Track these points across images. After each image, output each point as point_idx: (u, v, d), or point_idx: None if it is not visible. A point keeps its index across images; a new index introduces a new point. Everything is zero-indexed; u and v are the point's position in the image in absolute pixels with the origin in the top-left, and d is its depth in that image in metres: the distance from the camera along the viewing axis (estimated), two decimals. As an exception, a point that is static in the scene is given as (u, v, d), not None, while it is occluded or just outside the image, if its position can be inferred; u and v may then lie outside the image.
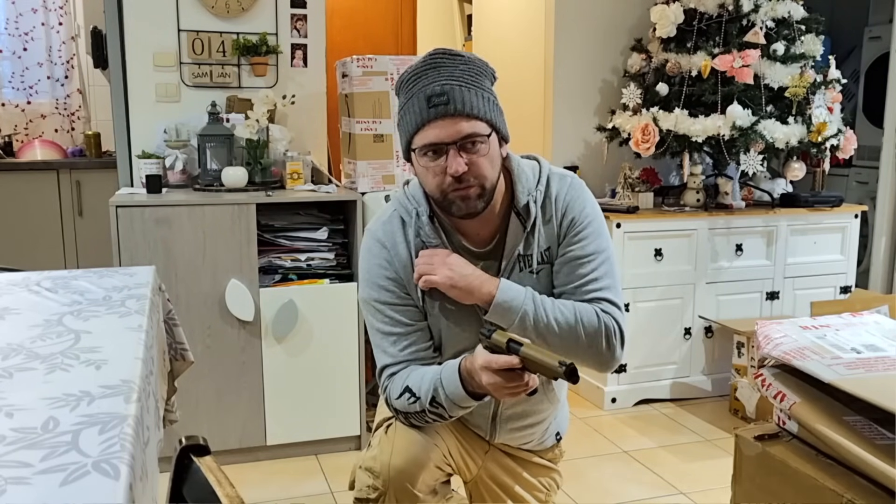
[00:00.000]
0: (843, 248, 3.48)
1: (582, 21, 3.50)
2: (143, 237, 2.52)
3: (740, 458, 1.85)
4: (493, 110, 1.44)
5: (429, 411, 1.47)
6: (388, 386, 1.53)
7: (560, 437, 1.80)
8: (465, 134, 1.40)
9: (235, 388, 2.68)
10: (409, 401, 1.48)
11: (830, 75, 3.23)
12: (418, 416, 1.50)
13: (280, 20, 2.97)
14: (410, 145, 1.46)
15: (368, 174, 2.80)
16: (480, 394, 1.42)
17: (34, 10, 4.10)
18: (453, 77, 1.41)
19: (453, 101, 1.39)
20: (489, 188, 1.45)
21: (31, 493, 0.75)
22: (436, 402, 1.45)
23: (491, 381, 1.33)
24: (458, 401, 1.43)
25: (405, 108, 1.45)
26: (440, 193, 1.45)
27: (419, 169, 1.47)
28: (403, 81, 1.47)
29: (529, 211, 1.51)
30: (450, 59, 1.44)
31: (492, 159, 1.45)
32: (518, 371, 1.30)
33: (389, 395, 1.53)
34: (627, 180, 3.31)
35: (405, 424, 1.55)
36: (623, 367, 3.22)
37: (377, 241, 1.56)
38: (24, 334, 1.27)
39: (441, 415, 1.47)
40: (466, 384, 1.41)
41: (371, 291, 1.57)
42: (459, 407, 1.45)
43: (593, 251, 1.52)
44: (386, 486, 1.48)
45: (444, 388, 1.44)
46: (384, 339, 1.56)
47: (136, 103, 2.88)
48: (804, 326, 1.92)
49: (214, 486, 0.84)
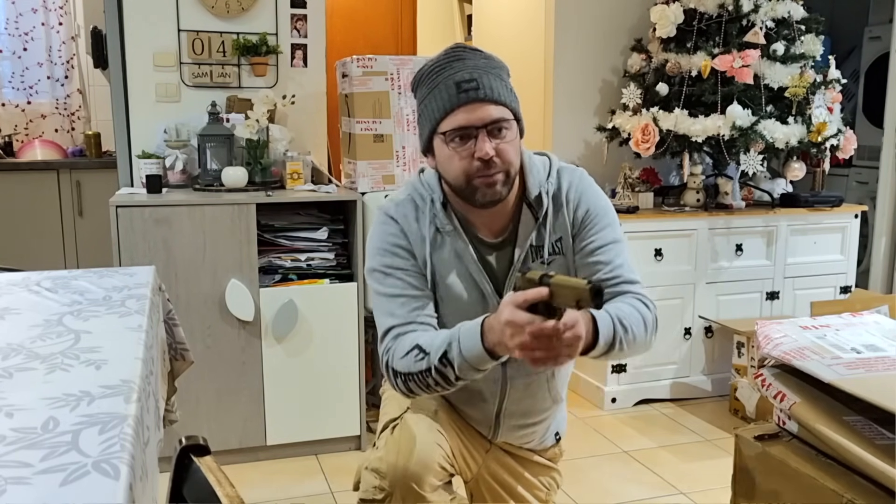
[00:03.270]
0: (843, 248, 3.48)
1: (582, 21, 3.50)
2: (143, 237, 2.52)
3: (740, 458, 1.85)
4: (515, 100, 1.50)
5: (435, 369, 1.40)
6: (393, 347, 1.48)
7: (559, 437, 1.80)
8: (494, 118, 1.44)
9: (235, 388, 2.68)
10: (416, 357, 1.43)
11: (830, 75, 3.23)
12: (420, 378, 1.43)
13: (280, 20, 2.97)
14: (436, 131, 1.48)
15: (368, 174, 2.80)
16: (496, 354, 1.35)
17: (34, 10, 4.10)
18: (479, 67, 1.47)
19: (483, 87, 1.44)
20: (513, 175, 1.49)
21: (31, 493, 0.75)
22: (446, 358, 1.38)
23: (512, 317, 1.25)
24: (472, 357, 1.36)
25: (430, 97, 1.48)
26: (465, 179, 1.46)
27: (445, 154, 1.48)
28: (425, 74, 1.50)
29: (542, 202, 1.54)
30: (471, 52, 1.50)
31: (515, 147, 1.49)
32: (543, 313, 1.24)
33: (393, 355, 1.47)
34: (627, 180, 3.31)
35: (400, 391, 1.48)
36: (623, 367, 3.22)
37: (389, 217, 1.57)
38: (24, 334, 1.27)
39: (446, 376, 1.40)
40: (486, 338, 1.34)
41: (381, 258, 1.55)
42: (470, 366, 1.38)
43: (612, 240, 1.55)
44: (392, 487, 1.47)
45: (460, 343, 1.37)
46: (391, 302, 1.52)
47: (136, 103, 2.88)
48: (804, 326, 1.92)
49: (214, 486, 0.84)
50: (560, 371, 1.66)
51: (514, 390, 1.62)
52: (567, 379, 1.73)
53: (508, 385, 1.61)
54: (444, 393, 1.49)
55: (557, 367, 1.62)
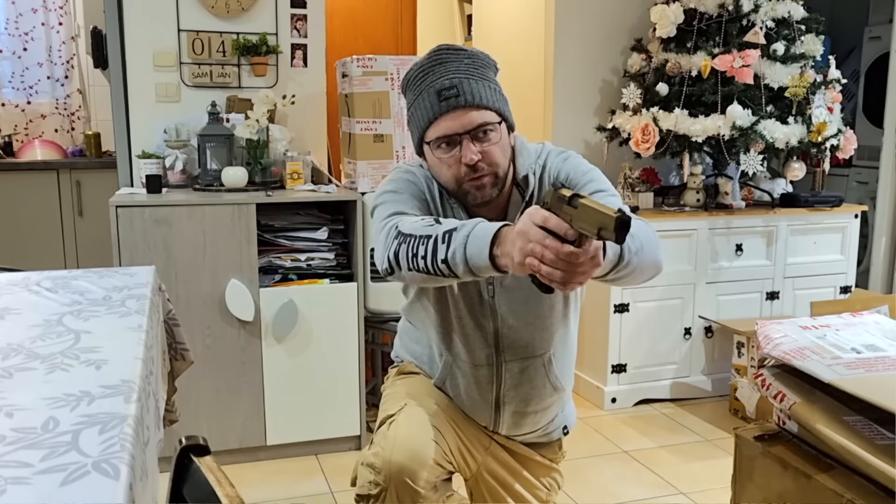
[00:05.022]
0: (843, 248, 3.48)
1: (582, 21, 3.50)
2: (143, 237, 2.52)
3: (740, 458, 1.85)
4: (499, 100, 1.50)
5: (434, 239, 1.31)
6: (398, 222, 1.41)
7: (567, 431, 1.81)
8: (477, 123, 1.46)
9: (235, 388, 2.68)
10: (426, 223, 1.36)
11: (830, 75, 3.23)
12: (415, 243, 1.34)
13: (280, 20, 2.97)
14: (423, 139, 1.51)
15: (368, 174, 2.80)
16: (498, 264, 1.24)
17: (34, 10, 4.10)
18: (460, 71, 1.47)
19: (463, 94, 1.45)
20: (502, 175, 1.51)
21: (31, 493, 0.75)
22: (453, 234, 1.29)
23: (527, 229, 1.16)
24: (473, 251, 1.26)
25: (415, 105, 1.52)
26: (455, 184, 1.50)
27: (433, 161, 1.52)
28: (410, 79, 1.53)
29: (528, 182, 1.56)
30: (454, 54, 1.50)
31: (503, 147, 1.50)
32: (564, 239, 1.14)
33: (401, 221, 1.41)
34: (627, 180, 3.31)
35: (388, 258, 1.40)
36: (623, 367, 3.22)
37: (409, 170, 1.59)
38: (24, 334, 1.27)
39: (436, 253, 1.30)
40: (496, 242, 1.24)
41: (395, 184, 1.55)
42: (465, 259, 1.27)
43: (596, 189, 1.52)
44: (387, 482, 1.48)
45: (471, 231, 1.28)
46: (399, 206, 1.49)
47: (136, 103, 2.88)
48: (804, 326, 1.92)
49: (214, 486, 0.84)
50: (558, 358, 1.66)
51: (509, 374, 1.63)
52: (568, 368, 1.72)
53: (504, 369, 1.63)
54: (423, 277, 1.37)
55: (553, 353, 1.64)
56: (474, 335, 1.61)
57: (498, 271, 1.26)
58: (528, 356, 1.63)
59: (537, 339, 1.62)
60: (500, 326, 1.60)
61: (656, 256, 1.44)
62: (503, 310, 1.59)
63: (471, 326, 1.60)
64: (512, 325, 1.60)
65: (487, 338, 1.61)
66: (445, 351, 1.65)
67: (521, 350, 1.62)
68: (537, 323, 1.61)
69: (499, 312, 1.59)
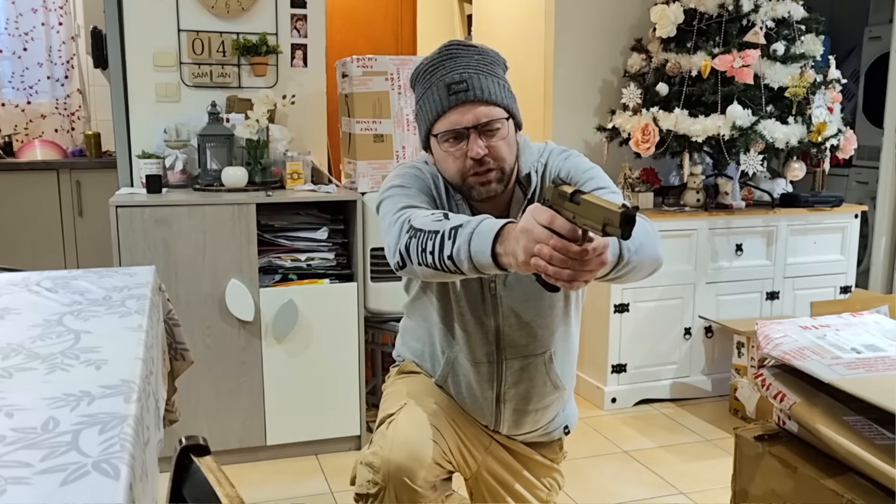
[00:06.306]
0: (843, 248, 3.48)
1: (582, 21, 3.50)
2: (143, 237, 2.52)
3: (740, 458, 1.85)
4: (508, 97, 1.52)
5: (446, 234, 1.31)
6: (410, 216, 1.42)
7: (568, 431, 1.82)
8: (485, 118, 1.47)
9: (235, 388, 2.68)
10: (436, 218, 1.37)
11: (830, 75, 3.23)
12: (424, 238, 1.35)
13: (280, 20, 2.97)
14: (431, 132, 1.52)
15: (368, 174, 2.80)
16: (501, 262, 1.24)
17: (34, 10, 4.10)
18: (470, 66, 1.48)
19: (472, 88, 1.46)
20: (507, 171, 1.52)
21: (31, 493, 0.75)
22: (459, 230, 1.30)
23: (530, 227, 1.15)
24: (481, 241, 1.25)
25: (424, 98, 1.52)
26: (460, 178, 1.51)
27: (439, 154, 1.53)
28: (420, 73, 1.53)
29: (530, 180, 1.58)
30: (465, 49, 1.51)
31: (509, 143, 1.51)
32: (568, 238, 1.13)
33: (413, 215, 1.42)
34: (627, 180, 3.31)
35: (399, 251, 1.41)
36: (623, 367, 3.22)
37: (416, 166, 1.60)
38: (24, 334, 1.26)
39: (443, 248, 1.31)
40: (499, 240, 1.24)
41: (402, 179, 1.56)
42: (469, 255, 1.27)
43: (596, 186, 1.54)
44: (385, 481, 1.48)
45: (476, 224, 1.28)
46: (410, 199, 1.50)
47: (136, 103, 2.88)
48: (804, 326, 1.92)
49: (214, 486, 0.84)
50: (558, 356, 1.66)
51: (510, 372, 1.63)
52: (569, 367, 1.72)
53: (505, 366, 1.63)
54: (432, 272, 1.37)
55: (554, 351, 1.65)
56: (475, 332, 1.61)
57: (501, 269, 1.26)
58: (528, 354, 1.63)
59: (538, 337, 1.62)
60: (502, 324, 1.60)
61: (656, 252, 1.45)
62: (505, 307, 1.59)
63: (472, 323, 1.61)
64: (513, 322, 1.60)
65: (488, 335, 1.61)
66: (447, 348, 1.65)
67: (521, 348, 1.62)
68: (538, 321, 1.61)
69: (500, 309, 1.60)
